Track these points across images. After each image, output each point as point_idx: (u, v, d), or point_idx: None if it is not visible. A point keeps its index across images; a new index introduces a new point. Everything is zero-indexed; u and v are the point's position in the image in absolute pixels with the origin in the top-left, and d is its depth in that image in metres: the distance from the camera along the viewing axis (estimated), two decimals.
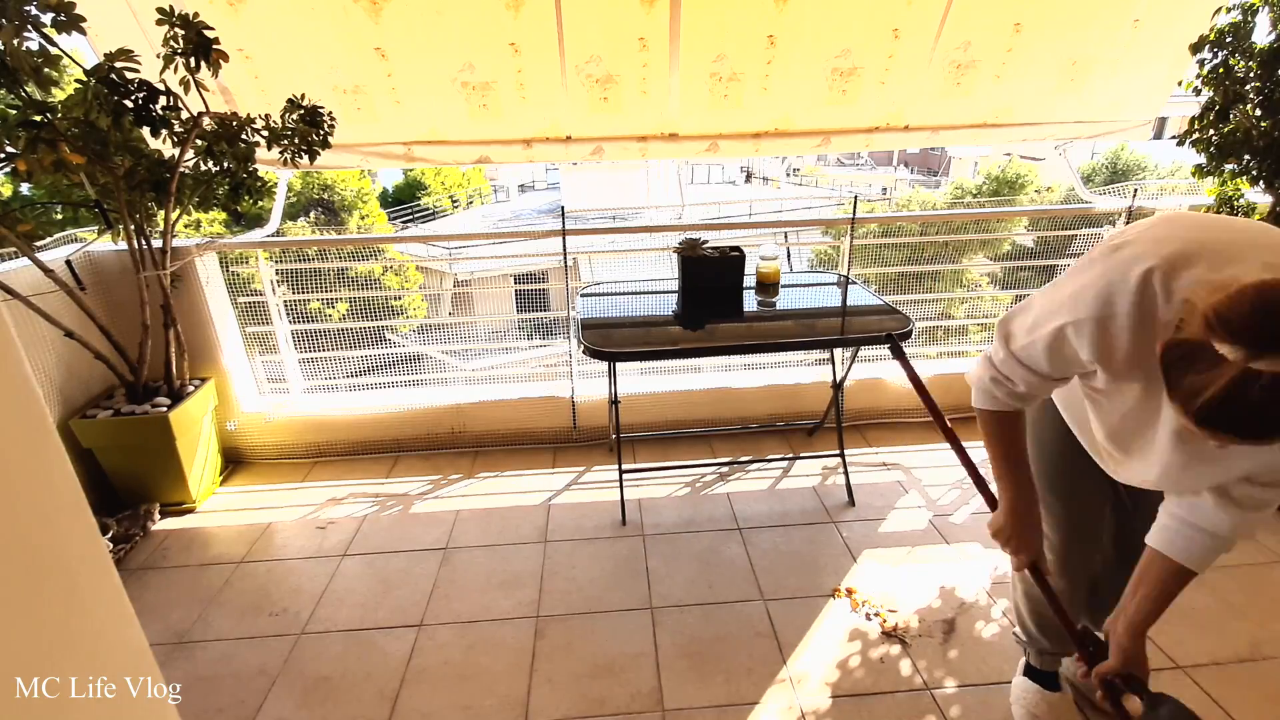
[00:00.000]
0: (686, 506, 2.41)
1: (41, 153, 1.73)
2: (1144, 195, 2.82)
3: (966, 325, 5.48)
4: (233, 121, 2.06)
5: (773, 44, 2.43)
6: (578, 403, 2.81)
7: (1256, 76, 2.18)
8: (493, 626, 1.88)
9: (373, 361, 5.97)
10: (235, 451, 2.78)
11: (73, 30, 1.73)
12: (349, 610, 1.96)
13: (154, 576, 2.13)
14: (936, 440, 2.83)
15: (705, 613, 1.91)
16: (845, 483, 2.46)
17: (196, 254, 2.51)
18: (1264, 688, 1.62)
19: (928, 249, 8.18)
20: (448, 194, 19.23)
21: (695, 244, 2.45)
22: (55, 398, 2.25)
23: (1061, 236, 4.04)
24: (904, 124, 2.74)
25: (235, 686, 1.71)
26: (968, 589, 1.96)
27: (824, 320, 2.37)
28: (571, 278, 2.68)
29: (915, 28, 2.44)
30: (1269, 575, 1.99)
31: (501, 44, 2.34)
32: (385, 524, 2.37)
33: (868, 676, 1.69)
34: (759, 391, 2.91)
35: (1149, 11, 2.51)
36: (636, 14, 2.31)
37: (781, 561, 2.11)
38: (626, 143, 2.68)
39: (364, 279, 6.21)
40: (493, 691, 1.67)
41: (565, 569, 2.10)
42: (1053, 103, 2.74)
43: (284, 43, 2.30)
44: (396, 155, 2.63)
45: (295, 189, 13.62)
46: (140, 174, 2.06)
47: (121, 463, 2.34)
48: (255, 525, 2.38)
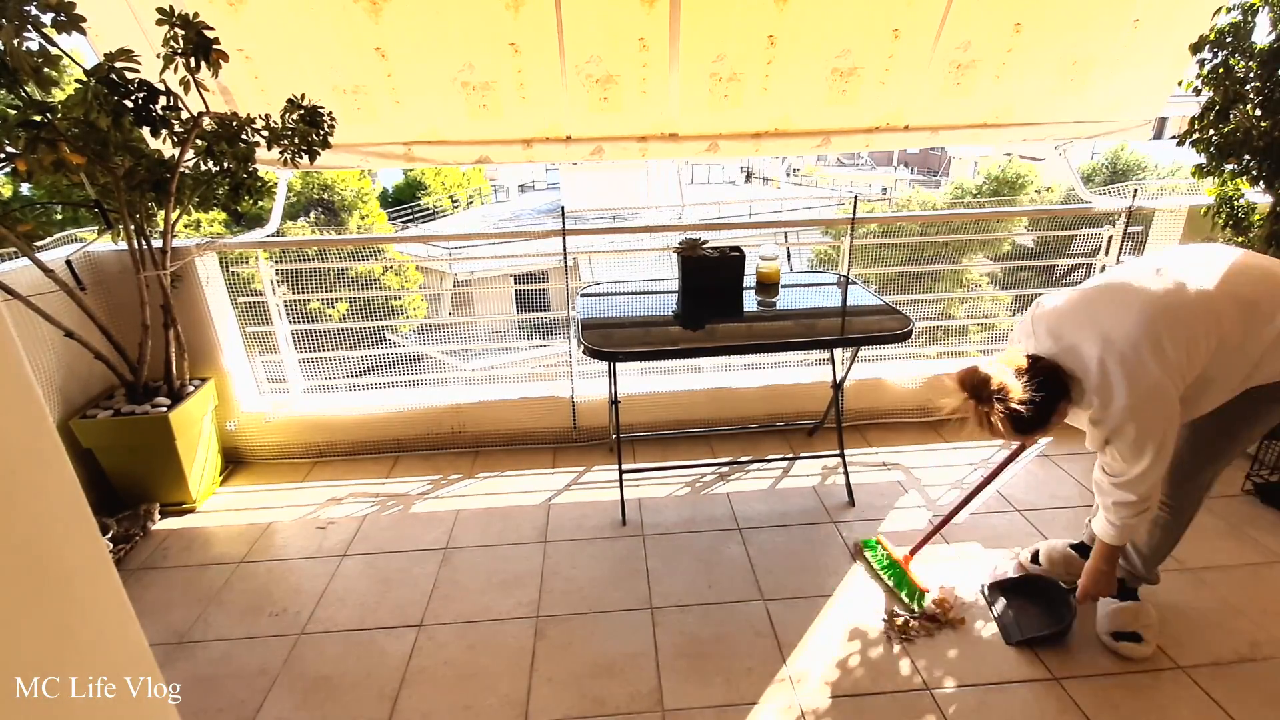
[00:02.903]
0: (686, 506, 2.41)
1: (41, 153, 1.73)
2: (1144, 195, 2.82)
3: (966, 325, 5.49)
4: (233, 121, 2.06)
5: (773, 44, 2.43)
6: (578, 403, 2.81)
7: (1256, 76, 2.18)
8: (493, 626, 1.88)
9: (373, 361, 5.98)
10: (235, 451, 2.78)
11: (73, 30, 1.72)
12: (349, 610, 1.96)
13: (154, 576, 2.13)
14: (936, 440, 2.83)
15: (705, 613, 1.91)
16: (845, 483, 2.46)
17: (196, 254, 2.51)
18: (1264, 688, 1.62)
19: (928, 249, 8.19)
20: (448, 194, 19.22)
21: (695, 244, 2.44)
22: (55, 398, 2.25)
23: (1061, 236, 4.04)
24: (904, 124, 2.74)
25: (235, 686, 1.71)
26: (967, 589, 1.97)
27: (824, 320, 2.37)
28: (571, 278, 2.68)
29: (915, 28, 2.44)
30: (1269, 575, 1.99)
31: (501, 44, 2.34)
32: (385, 524, 2.37)
33: (867, 676, 1.69)
34: (759, 391, 2.91)
35: (1149, 11, 2.51)
36: (636, 14, 2.31)
37: (781, 561, 2.11)
38: (626, 143, 2.68)
39: (364, 279, 6.22)
40: (493, 691, 1.67)
41: (565, 569, 2.10)
42: (1053, 103, 2.74)
43: (284, 43, 2.30)
44: (396, 155, 2.63)
45: (295, 189, 13.62)
46: (140, 174, 2.06)
47: (121, 463, 2.34)
48: (255, 525, 2.38)
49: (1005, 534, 2.20)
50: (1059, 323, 1.51)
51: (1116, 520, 1.53)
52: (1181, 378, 1.39)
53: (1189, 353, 1.37)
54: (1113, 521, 1.54)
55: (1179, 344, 1.36)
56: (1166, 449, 1.40)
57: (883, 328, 2.16)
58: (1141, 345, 1.36)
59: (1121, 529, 1.54)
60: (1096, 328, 1.43)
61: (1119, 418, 1.40)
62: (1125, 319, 1.40)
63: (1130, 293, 1.43)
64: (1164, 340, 1.36)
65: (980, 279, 9.12)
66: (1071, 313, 1.51)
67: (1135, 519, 1.51)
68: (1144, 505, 1.48)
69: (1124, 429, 1.40)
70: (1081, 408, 1.49)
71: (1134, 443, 1.40)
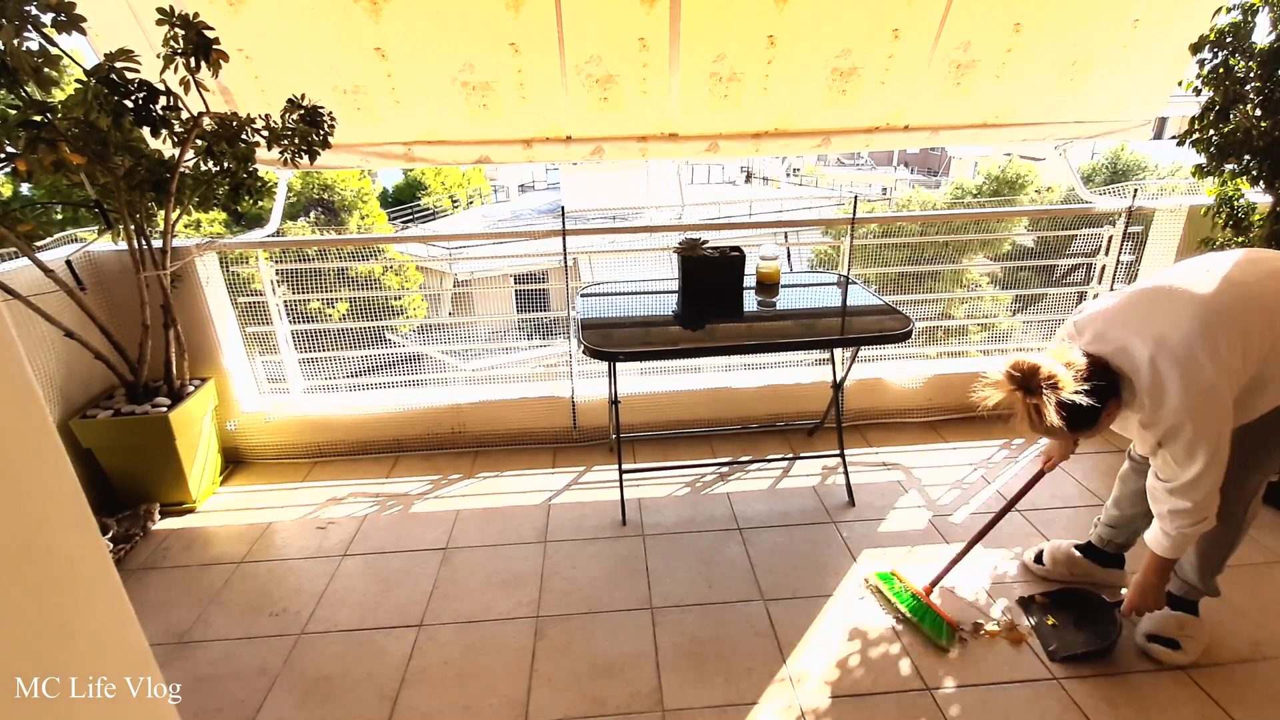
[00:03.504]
0: (686, 506, 2.41)
1: (41, 153, 1.73)
2: (1144, 195, 2.82)
3: (966, 325, 5.48)
4: (233, 121, 2.06)
5: (773, 44, 2.43)
6: (578, 403, 2.81)
7: (1256, 76, 2.18)
8: (493, 626, 1.88)
9: (373, 361, 5.98)
10: (235, 451, 2.78)
11: (73, 30, 1.72)
12: (349, 610, 1.96)
13: (154, 576, 2.13)
14: (936, 440, 2.83)
15: (705, 613, 1.91)
16: (845, 483, 2.46)
17: (196, 254, 2.51)
18: (1264, 688, 1.62)
19: (928, 249, 8.19)
20: (448, 194, 19.22)
21: (695, 244, 2.44)
22: (55, 398, 2.25)
23: (1061, 236, 4.04)
24: (904, 124, 2.74)
25: (235, 686, 1.71)
26: (968, 589, 1.96)
27: (824, 320, 2.37)
28: (571, 278, 2.68)
29: (915, 28, 2.44)
30: (1269, 575, 1.99)
31: (501, 44, 2.34)
32: (385, 524, 2.37)
33: (868, 676, 1.69)
34: (759, 391, 2.91)
35: (1149, 11, 2.51)
36: (636, 14, 2.31)
37: (781, 561, 2.11)
38: (626, 143, 2.68)
39: (364, 279, 6.22)
40: (493, 691, 1.67)
41: (565, 569, 2.10)
42: (1053, 103, 2.74)
43: (284, 43, 2.30)
44: (396, 155, 2.63)
45: (295, 189, 13.61)
46: (140, 174, 2.06)
47: (121, 463, 2.34)
48: (255, 525, 2.38)
49: (1006, 534, 2.20)
50: (1106, 325, 1.47)
51: (1171, 530, 1.46)
52: (1235, 379, 1.35)
53: (1243, 353, 1.34)
54: (1167, 531, 1.48)
55: (1234, 344, 1.33)
56: (1221, 453, 1.36)
57: (883, 328, 2.16)
58: (1196, 345, 1.33)
59: (1176, 539, 1.47)
60: (1148, 328, 1.39)
61: (1172, 419, 1.35)
62: (1179, 319, 1.36)
63: (1182, 293, 1.40)
64: (1219, 340, 1.33)
65: (980, 279, 9.13)
66: (1120, 315, 1.47)
67: (1191, 529, 1.44)
68: (1200, 514, 1.42)
69: (1177, 431, 1.36)
70: (1132, 410, 1.44)
71: (1187, 445, 1.36)
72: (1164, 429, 1.38)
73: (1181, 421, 1.35)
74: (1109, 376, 1.42)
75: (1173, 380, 1.34)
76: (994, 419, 1.43)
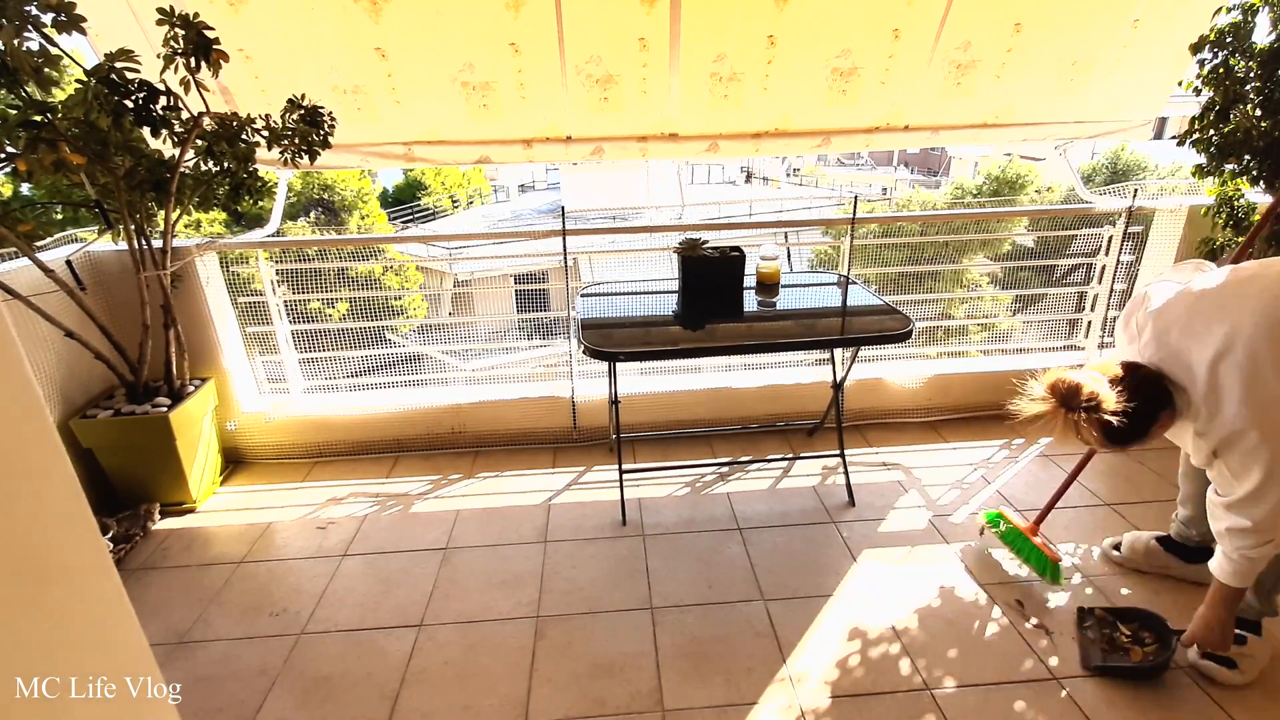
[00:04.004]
0: (686, 506, 2.41)
1: (42, 153, 1.73)
2: (1144, 195, 2.82)
3: (967, 325, 5.48)
4: (233, 121, 2.06)
5: (773, 44, 2.43)
6: (578, 403, 2.81)
7: (1256, 76, 2.18)
8: (493, 626, 1.88)
9: (373, 361, 5.98)
10: (235, 451, 2.78)
11: (73, 30, 1.72)
12: (349, 610, 1.96)
13: (154, 576, 2.13)
14: (936, 440, 2.83)
15: (705, 613, 1.91)
16: (845, 483, 2.46)
17: (196, 254, 2.51)
18: (1264, 688, 1.62)
19: (928, 249, 8.19)
20: (448, 194, 19.22)
21: (695, 244, 2.44)
22: (55, 398, 2.25)
23: (1062, 236, 4.05)
24: (904, 124, 2.74)
25: (235, 686, 1.71)
26: (967, 589, 1.97)
27: (824, 320, 2.37)
28: (571, 278, 2.68)
29: (915, 28, 2.44)
30: None
31: (501, 44, 2.34)
32: (385, 524, 2.37)
33: (868, 676, 1.69)
34: (759, 391, 2.91)
35: (1149, 11, 2.51)
36: (636, 14, 2.31)
37: (781, 561, 2.11)
38: (626, 143, 2.68)
39: (364, 279, 6.22)
40: (493, 691, 1.67)
41: (565, 569, 2.10)
42: (1053, 103, 2.74)
43: (284, 43, 2.30)
44: (396, 155, 2.63)
45: (295, 189, 13.61)
46: (140, 174, 2.06)
47: (121, 463, 2.34)
48: (255, 525, 2.38)
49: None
50: (1167, 325, 1.41)
51: (1233, 553, 1.37)
52: None
53: None
54: (1228, 554, 1.38)
55: None
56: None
57: (883, 328, 2.16)
58: (1259, 350, 1.25)
59: (1240, 564, 1.37)
60: (1211, 330, 1.32)
61: (1228, 427, 1.29)
62: (1243, 323, 1.29)
63: (1250, 298, 1.32)
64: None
65: (980, 279, 9.13)
66: (1182, 316, 1.40)
67: (1255, 551, 1.34)
68: (1263, 536, 1.31)
69: (1234, 441, 1.29)
70: (1186, 418, 1.38)
71: (1245, 455, 1.28)
72: (1219, 437, 1.32)
73: (1241, 429, 1.28)
74: (1159, 387, 1.37)
75: (1232, 386, 1.28)
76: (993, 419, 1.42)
